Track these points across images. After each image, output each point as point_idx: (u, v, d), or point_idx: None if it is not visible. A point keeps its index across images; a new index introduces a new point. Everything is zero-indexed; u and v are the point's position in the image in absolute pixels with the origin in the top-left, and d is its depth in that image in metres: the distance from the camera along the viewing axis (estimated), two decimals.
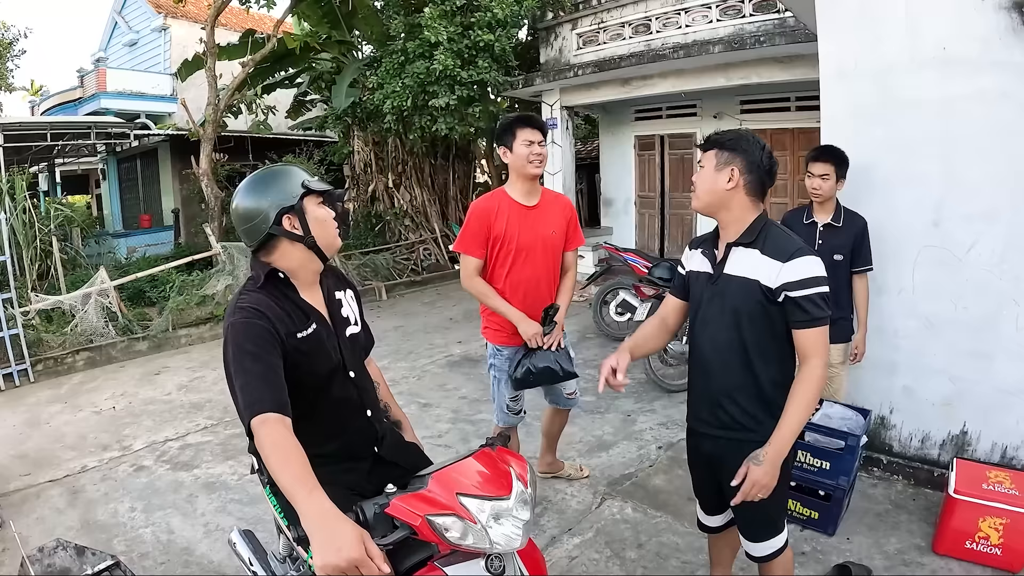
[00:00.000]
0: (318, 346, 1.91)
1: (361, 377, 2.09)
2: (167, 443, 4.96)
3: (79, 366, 7.19)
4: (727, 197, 2.20)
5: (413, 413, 5.36)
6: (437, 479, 1.69)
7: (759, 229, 2.17)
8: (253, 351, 1.72)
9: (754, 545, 2.38)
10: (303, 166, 11.99)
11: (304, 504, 1.45)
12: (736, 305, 2.18)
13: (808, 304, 2.05)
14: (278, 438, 1.58)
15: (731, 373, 2.24)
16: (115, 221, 16.27)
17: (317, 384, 1.91)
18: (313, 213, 1.92)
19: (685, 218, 10.95)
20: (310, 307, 1.95)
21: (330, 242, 1.97)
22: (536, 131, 3.24)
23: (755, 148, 2.17)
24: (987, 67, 3.43)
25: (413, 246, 12.89)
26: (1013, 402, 3.55)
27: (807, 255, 2.07)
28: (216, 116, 10.75)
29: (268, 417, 1.61)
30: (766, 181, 2.20)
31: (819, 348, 2.09)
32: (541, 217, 3.37)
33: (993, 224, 3.51)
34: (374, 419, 2.11)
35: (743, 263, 2.17)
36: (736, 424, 2.24)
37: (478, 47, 10.03)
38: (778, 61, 7.92)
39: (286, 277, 1.93)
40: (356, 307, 2.19)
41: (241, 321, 1.77)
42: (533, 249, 3.33)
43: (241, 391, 1.67)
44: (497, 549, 1.64)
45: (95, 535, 3.67)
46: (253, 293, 1.86)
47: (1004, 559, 3.07)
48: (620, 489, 4.00)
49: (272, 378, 1.70)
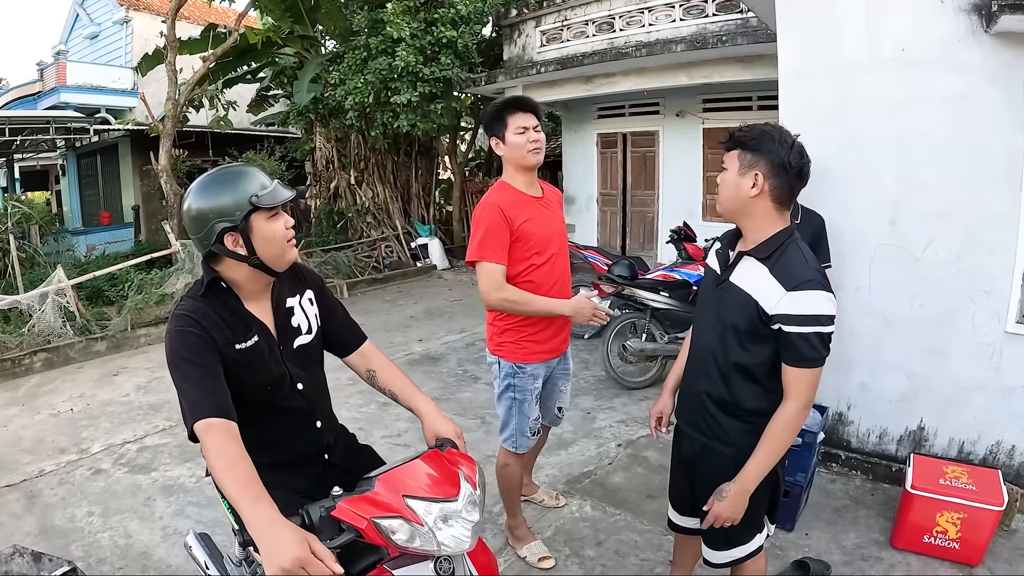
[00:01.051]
0: (258, 359, 1.86)
1: (311, 388, 2.03)
2: (125, 445, 4.90)
3: (37, 367, 7.04)
4: (751, 204, 2.02)
5: (372, 412, 5.38)
6: (384, 481, 1.68)
7: (778, 245, 1.99)
8: (190, 358, 1.70)
9: (713, 552, 2.32)
10: (264, 164, 11.92)
11: (249, 512, 1.45)
12: (730, 317, 2.07)
13: (802, 343, 1.90)
14: (222, 446, 1.58)
15: (710, 380, 2.16)
16: (74, 218, 15.96)
17: (259, 396, 1.88)
18: (260, 230, 1.79)
19: (647, 216, 11.05)
20: (252, 318, 1.89)
21: (279, 260, 1.86)
22: (529, 114, 2.87)
23: (782, 147, 1.97)
24: (946, 68, 3.49)
25: (375, 243, 12.83)
26: (969, 398, 3.65)
27: (816, 288, 1.89)
28: (176, 111, 10.58)
29: (212, 423, 1.60)
30: (795, 185, 2.01)
31: (801, 390, 1.96)
32: (549, 209, 3.05)
33: (950, 223, 3.58)
34: (324, 428, 2.08)
35: (749, 276, 2.03)
36: (710, 431, 2.19)
37: (441, 43, 10.04)
38: (740, 61, 8.04)
39: (229, 287, 1.88)
40: (314, 311, 2.09)
41: (176, 331, 1.75)
42: (552, 244, 2.98)
43: (183, 397, 1.67)
44: (446, 551, 1.64)
45: (53, 540, 3.62)
46: (192, 301, 1.82)
47: (962, 552, 3.14)
48: (579, 487, 4.04)
49: (211, 384, 1.69)
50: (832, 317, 1.91)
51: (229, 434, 1.61)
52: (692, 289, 5.75)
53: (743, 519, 2.11)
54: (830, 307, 1.91)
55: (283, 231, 1.84)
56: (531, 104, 2.91)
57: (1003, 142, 3.41)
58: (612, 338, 5.77)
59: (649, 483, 4.06)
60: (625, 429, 4.90)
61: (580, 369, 6.17)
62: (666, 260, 7.86)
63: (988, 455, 3.66)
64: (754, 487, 2.05)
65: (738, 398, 2.11)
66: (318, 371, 2.13)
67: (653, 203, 10.93)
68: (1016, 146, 3.37)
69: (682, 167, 10.27)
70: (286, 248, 1.86)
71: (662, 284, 5.76)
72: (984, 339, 3.58)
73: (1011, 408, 3.56)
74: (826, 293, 1.91)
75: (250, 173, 1.83)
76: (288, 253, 1.88)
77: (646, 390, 5.67)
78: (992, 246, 3.50)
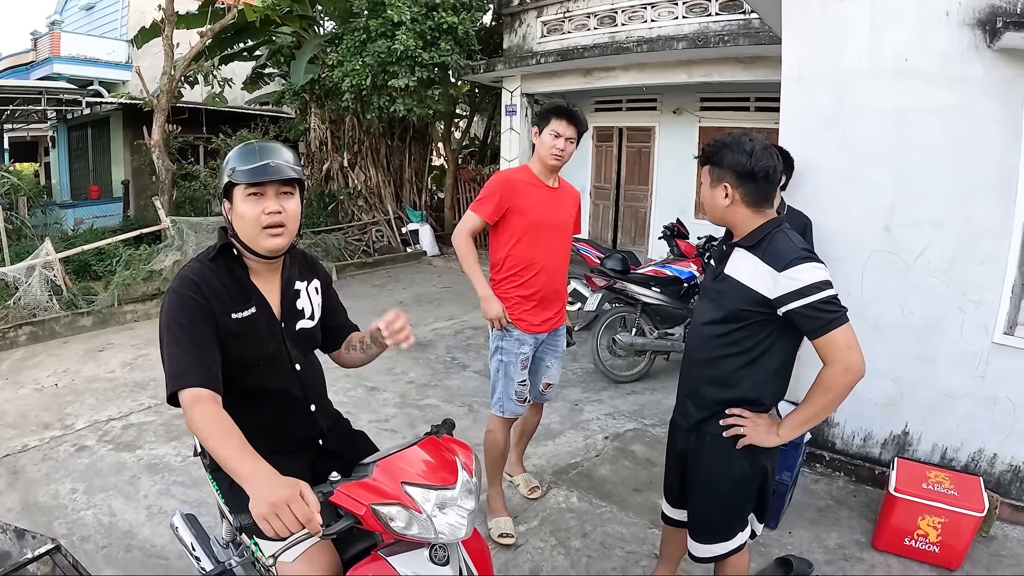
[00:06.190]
0: (252, 331, 1.85)
1: (307, 371, 2.04)
2: (110, 422, 4.87)
3: (21, 341, 6.96)
4: (728, 213, 2.15)
5: (359, 396, 5.39)
6: (382, 467, 1.68)
7: (765, 233, 2.09)
8: (185, 323, 1.71)
9: (697, 545, 2.38)
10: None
11: (245, 470, 1.45)
12: (729, 307, 2.14)
13: (811, 312, 1.96)
14: (213, 416, 1.58)
15: (708, 370, 2.23)
16: (63, 191, 15.75)
17: (251, 373, 1.86)
18: (236, 206, 1.80)
19: (639, 211, 11.09)
20: (255, 290, 1.90)
21: (253, 242, 1.82)
22: (569, 126, 3.14)
23: (743, 155, 2.06)
24: (946, 81, 3.52)
25: (366, 227, 12.78)
26: (954, 405, 3.69)
27: (804, 261, 1.98)
28: (171, 86, 10.44)
29: (200, 394, 1.60)
30: (766, 188, 2.09)
31: (835, 353, 1.97)
32: (559, 201, 3.33)
33: (943, 233, 3.61)
34: (319, 414, 2.08)
35: (743, 266, 2.12)
36: (707, 409, 2.25)
37: (441, 29, 9.98)
38: (740, 61, 8.05)
39: (239, 255, 1.89)
40: (318, 300, 2.10)
41: (176, 291, 1.75)
42: (549, 229, 3.28)
43: (170, 360, 1.67)
44: (442, 539, 1.64)
45: (35, 517, 3.59)
46: (199, 264, 1.83)
47: (942, 556, 3.19)
48: (566, 478, 4.06)
49: (202, 353, 1.69)
50: (829, 282, 1.99)
51: (218, 405, 1.62)
52: (683, 286, 5.78)
53: (728, 506, 2.23)
54: (823, 273, 1.99)
55: (255, 214, 1.78)
56: (576, 118, 3.17)
57: (999, 157, 3.43)
58: (602, 332, 5.79)
59: (635, 476, 4.09)
60: (612, 422, 4.92)
61: (568, 361, 6.14)
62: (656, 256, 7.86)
63: (970, 462, 3.70)
64: (788, 436, 2.13)
65: (736, 390, 2.18)
66: (314, 357, 2.14)
67: (646, 199, 10.96)
68: (1011, 161, 3.40)
69: (677, 164, 10.27)
70: (259, 233, 1.80)
71: (653, 279, 5.78)
72: (971, 348, 3.61)
73: (994, 417, 3.59)
74: (815, 263, 2.00)
75: (263, 148, 1.82)
76: (263, 240, 1.81)
77: (633, 384, 5.70)
78: (983, 257, 3.53)
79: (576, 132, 3.18)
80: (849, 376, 1.98)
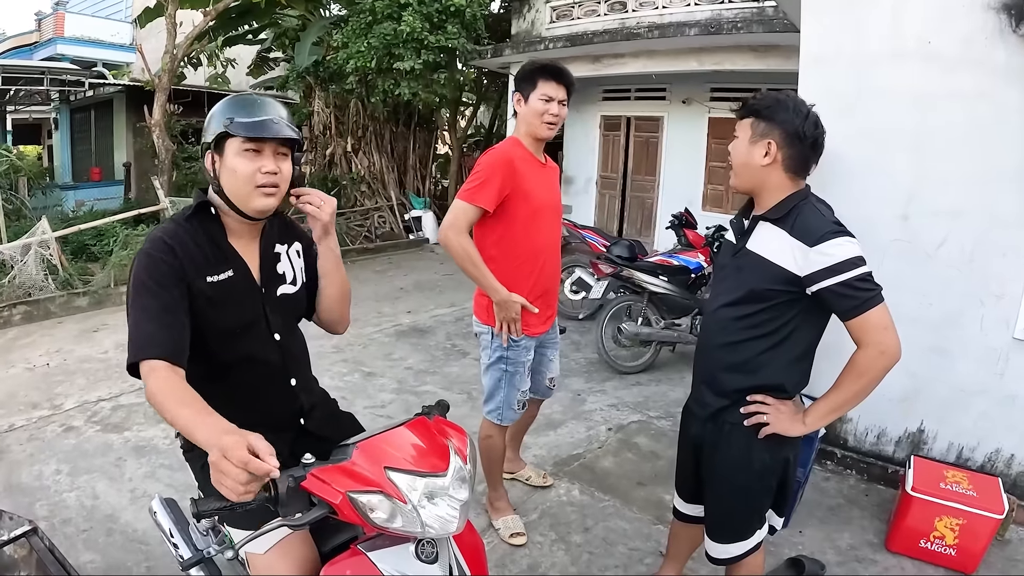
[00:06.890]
0: (228, 296, 1.72)
1: (288, 340, 1.89)
2: (99, 403, 4.76)
3: (15, 320, 6.88)
4: (763, 174, 1.98)
5: (356, 381, 5.28)
6: (363, 449, 1.50)
7: (792, 205, 1.94)
8: (153, 287, 1.58)
9: (715, 545, 2.27)
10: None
11: (202, 432, 1.33)
12: (751, 285, 1.99)
13: (846, 291, 1.82)
14: (170, 385, 1.46)
15: (727, 356, 2.08)
16: (65, 173, 15.72)
17: (227, 341, 1.73)
18: (228, 160, 1.66)
19: (646, 201, 10.95)
20: (232, 252, 1.76)
21: (243, 201, 1.70)
22: (560, 87, 2.78)
23: (797, 116, 1.92)
24: (968, 65, 3.38)
25: (368, 213, 12.67)
26: (971, 402, 3.56)
27: (837, 236, 1.84)
28: (173, 65, 10.29)
29: (156, 366, 1.49)
30: (809, 156, 1.97)
31: (870, 335, 1.85)
32: (551, 178, 3.00)
33: (963, 223, 3.47)
34: (300, 389, 1.92)
35: (768, 241, 1.97)
36: (725, 411, 2.11)
37: (448, 11, 9.85)
38: (753, 50, 7.92)
39: (218, 215, 1.76)
40: (300, 263, 1.96)
41: (147, 253, 1.63)
42: (550, 212, 2.95)
43: (135, 327, 1.56)
44: (430, 533, 1.46)
45: (16, 498, 3.48)
46: (174, 224, 1.71)
47: (958, 560, 3.07)
48: (567, 470, 3.93)
49: (169, 319, 1.57)
50: (863, 258, 1.85)
51: (177, 376, 1.50)
52: (691, 276, 5.65)
53: (747, 504, 2.12)
54: (857, 249, 1.85)
55: (250, 171, 1.66)
56: (566, 77, 2.82)
57: (1021, 145, 3.30)
58: (607, 321, 5.65)
59: (639, 470, 3.96)
60: (616, 413, 4.79)
61: (571, 351, 6.07)
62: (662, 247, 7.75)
63: (987, 462, 3.57)
64: (815, 424, 2.00)
65: (758, 375, 2.04)
66: (296, 326, 2.00)
67: (653, 189, 10.82)
68: None
69: (685, 155, 10.13)
70: (252, 192, 1.68)
71: (661, 268, 5.64)
72: (991, 343, 3.48)
73: (1012, 416, 3.46)
74: (849, 237, 1.86)
75: (263, 103, 1.71)
76: (255, 200, 1.69)
77: (639, 375, 5.56)
78: (1005, 249, 3.39)
79: (568, 93, 2.84)
80: (885, 359, 1.87)
